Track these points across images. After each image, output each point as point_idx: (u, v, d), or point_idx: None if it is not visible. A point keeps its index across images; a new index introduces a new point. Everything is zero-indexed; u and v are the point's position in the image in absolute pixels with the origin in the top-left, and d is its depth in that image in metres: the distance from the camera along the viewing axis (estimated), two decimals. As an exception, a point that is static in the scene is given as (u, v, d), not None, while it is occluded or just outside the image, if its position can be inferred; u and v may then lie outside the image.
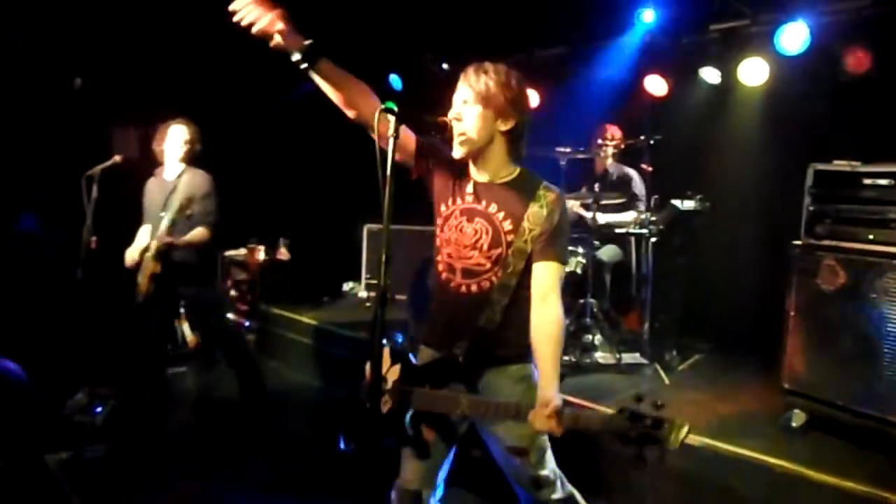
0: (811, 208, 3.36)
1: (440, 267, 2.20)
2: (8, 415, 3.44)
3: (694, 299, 4.61)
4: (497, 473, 2.30)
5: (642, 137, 4.40)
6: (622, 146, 4.59)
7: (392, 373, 2.17)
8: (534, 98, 5.78)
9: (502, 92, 2.05)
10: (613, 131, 4.73)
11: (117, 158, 4.22)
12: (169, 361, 4.94)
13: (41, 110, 5.65)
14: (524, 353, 2.11)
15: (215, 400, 4.93)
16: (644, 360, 4.31)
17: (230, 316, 6.53)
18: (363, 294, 6.66)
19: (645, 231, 4.35)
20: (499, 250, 2.10)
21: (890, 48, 3.98)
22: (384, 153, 1.88)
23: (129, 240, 4.13)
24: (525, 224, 2.07)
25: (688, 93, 4.90)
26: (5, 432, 3.38)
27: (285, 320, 5.97)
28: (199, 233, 4.03)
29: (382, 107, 1.92)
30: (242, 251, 6.71)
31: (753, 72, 4.47)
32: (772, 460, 2.96)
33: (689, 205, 4.32)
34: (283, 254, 6.83)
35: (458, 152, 2.09)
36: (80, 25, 5.62)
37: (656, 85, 5.00)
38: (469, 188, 2.15)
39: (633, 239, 4.65)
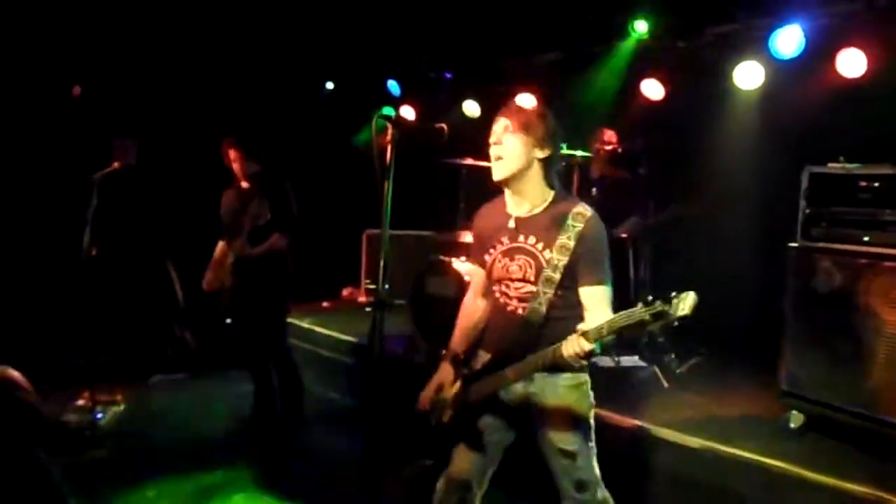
0: (807, 211, 3.37)
1: (497, 297, 2.37)
2: (8, 421, 3.46)
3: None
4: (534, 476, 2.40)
5: (639, 141, 4.43)
6: (619, 150, 4.61)
7: (454, 388, 2.35)
8: (531, 102, 5.83)
9: (542, 123, 2.26)
10: (610, 135, 4.76)
11: (116, 165, 4.24)
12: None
13: (41, 117, 5.68)
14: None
15: (219, 404, 4.95)
16: (643, 364, 4.32)
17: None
18: (363, 299, 6.68)
19: (642, 235, 4.37)
20: (543, 275, 2.24)
21: (884, 51, 4.01)
22: (382, 160, 1.91)
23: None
24: (560, 241, 2.21)
25: (684, 97, 4.92)
26: (5, 438, 3.40)
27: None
28: (275, 239, 4.03)
29: (379, 114, 1.95)
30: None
31: (749, 75, 4.50)
32: (770, 461, 2.98)
33: (685, 209, 4.34)
34: (283, 259, 6.84)
35: (497, 174, 2.26)
36: (82, 33, 5.65)
37: (653, 89, 5.03)
38: (511, 224, 2.31)
39: (630, 243, 4.66)
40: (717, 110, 4.75)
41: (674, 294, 1.76)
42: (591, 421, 2.34)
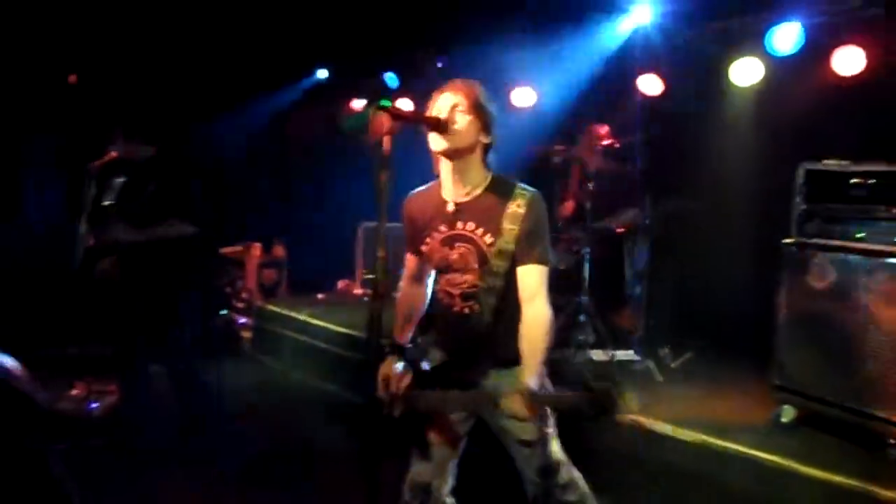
0: (802, 207, 3.39)
1: (440, 294, 2.30)
2: (4, 410, 3.46)
3: (687, 297, 4.65)
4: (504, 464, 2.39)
5: (635, 136, 4.44)
6: (616, 144, 4.61)
7: (405, 380, 2.26)
8: (529, 96, 5.83)
9: (489, 107, 2.20)
10: (600, 130, 4.75)
11: (113, 154, 4.21)
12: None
13: (39, 106, 5.67)
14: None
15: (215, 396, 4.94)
16: (637, 358, 4.35)
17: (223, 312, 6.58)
18: (358, 291, 6.70)
19: (639, 229, 4.38)
20: (487, 265, 2.18)
21: (881, 49, 4.02)
22: (379, 151, 1.91)
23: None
24: (504, 225, 2.15)
25: (680, 92, 4.93)
26: (1, 427, 3.40)
27: (280, 317, 5.99)
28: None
29: (377, 104, 1.95)
30: (238, 248, 6.73)
31: (746, 72, 4.50)
32: (762, 455, 3.01)
33: (680, 204, 4.36)
34: (280, 251, 6.86)
35: (438, 145, 2.16)
36: (79, 22, 5.63)
37: (650, 84, 5.03)
38: (449, 208, 2.23)
39: (626, 237, 4.68)
40: (715, 106, 4.76)
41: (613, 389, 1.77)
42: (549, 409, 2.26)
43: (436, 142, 2.16)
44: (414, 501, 2.35)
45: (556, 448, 2.29)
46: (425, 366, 2.30)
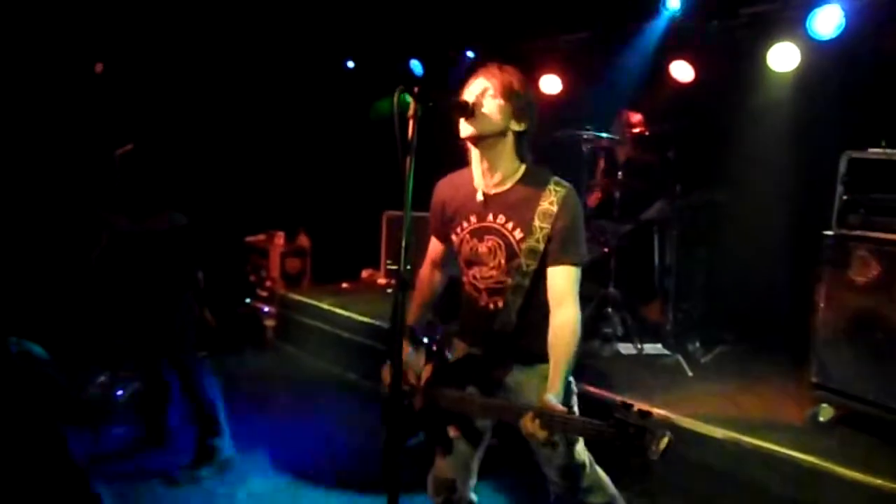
0: (844, 197, 3.26)
1: (467, 287, 2.22)
2: (31, 396, 3.49)
3: (719, 290, 4.53)
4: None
5: (667, 124, 4.32)
6: (646, 133, 4.50)
7: (425, 371, 2.21)
8: (557, 84, 5.71)
9: (524, 93, 2.09)
10: (633, 117, 4.64)
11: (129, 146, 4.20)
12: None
13: (64, 95, 5.69)
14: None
15: (238, 384, 4.95)
16: (666, 351, 4.24)
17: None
18: (382, 280, 6.66)
19: (668, 220, 4.28)
20: (516, 261, 2.09)
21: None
22: (405, 136, 1.84)
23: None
24: (535, 223, 2.06)
25: (715, 79, 4.78)
26: (28, 413, 3.42)
27: (304, 306, 5.98)
28: None
29: (402, 89, 1.88)
30: (262, 237, 6.73)
31: (784, 57, 4.34)
32: (798, 455, 2.91)
33: (713, 194, 4.23)
34: (304, 240, 6.84)
35: (464, 131, 2.07)
36: (104, 10, 5.64)
37: (682, 71, 4.88)
38: (479, 197, 2.14)
39: (655, 228, 4.56)
40: (750, 93, 4.59)
41: (648, 427, 1.62)
42: (575, 408, 2.18)
43: (463, 127, 2.07)
44: (438, 498, 2.30)
45: (579, 448, 2.20)
46: (447, 355, 2.25)
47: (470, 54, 6.24)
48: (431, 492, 2.31)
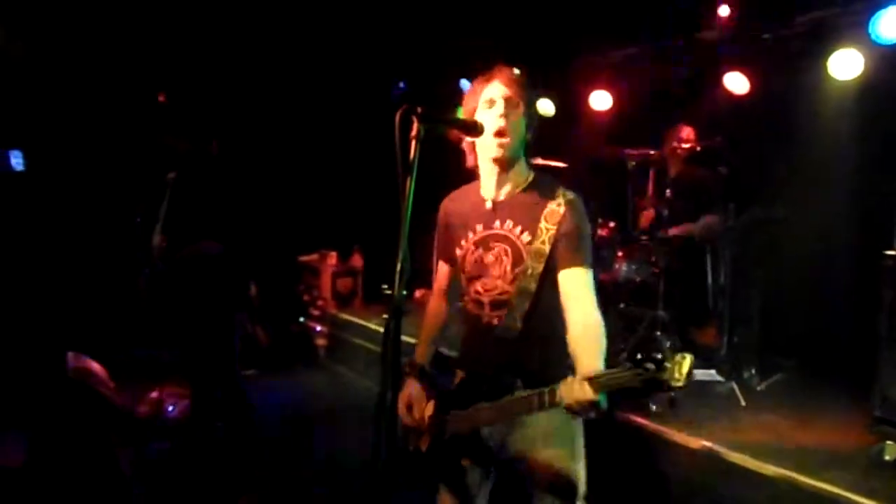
0: (908, 215, 3.02)
1: (469, 306, 2.13)
2: (83, 409, 3.63)
3: (776, 314, 4.26)
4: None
5: (719, 139, 4.12)
6: (697, 148, 4.30)
7: (428, 409, 2.13)
8: (608, 100, 5.58)
9: (535, 100, 2.08)
10: (688, 133, 4.45)
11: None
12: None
13: (128, 123, 5.98)
14: (558, 372, 1.90)
15: (289, 402, 5.02)
16: (720, 378, 4.01)
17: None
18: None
19: (721, 239, 4.06)
20: (521, 266, 2.00)
21: None
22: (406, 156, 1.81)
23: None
24: (542, 224, 1.98)
25: (771, 90, 4.55)
26: (82, 428, 3.56)
27: (354, 326, 6.02)
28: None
29: (405, 108, 1.83)
30: (315, 256, 6.84)
31: (846, 65, 4.08)
32: (858, 498, 2.67)
33: (768, 212, 4.00)
34: (357, 260, 6.91)
35: (497, 152, 2.00)
36: (167, 41, 5.91)
37: (737, 82, 4.67)
38: (487, 206, 2.08)
39: (708, 248, 4.34)
40: (809, 104, 4.35)
41: (666, 357, 1.54)
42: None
43: (497, 151, 1.99)
44: None
45: (581, 493, 2.04)
46: (446, 385, 2.15)
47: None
48: None
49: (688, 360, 1.54)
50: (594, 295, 1.94)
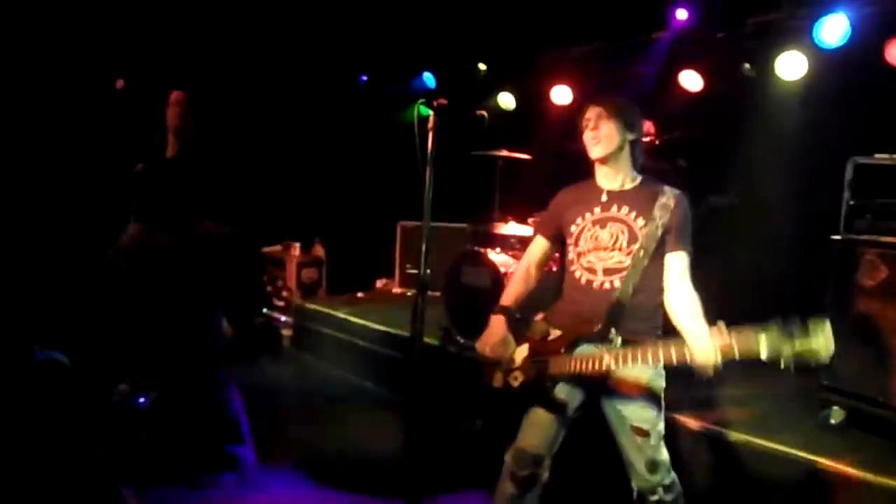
0: (851, 203, 3.31)
1: (577, 274, 2.48)
2: (53, 402, 3.58)
3: (729, 297, 4.54)
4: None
5: (677, 133, 4.38)
6: (656, 141, 4.55)
7: (520, 351, 2.45)
8: (568, 95, 5.80)
9: (630, 109, 2.52)
10: (648, 126, 4.70)
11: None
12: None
13: (85, 110, 5.84)
14: (652, 334, 2.40)
15: (255, 393, 5.03)
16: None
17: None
18: (397, 290, 6.75)
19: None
20: (637, 244, 2.39)
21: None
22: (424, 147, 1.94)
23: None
24: (655, 213, 2.39)
25: (723, 88, 4.85)
26: (52, 420, 3.52)
27: (320, 315, 6.06)
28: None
29: (423, 101, 1.98)
30: (278, 248, 6.84)
31: (791, 66, 4.41)
32: (809, 456, 2.94)
33: (722, 201, 4.28)
34: (319, 251, 6.95)
35: (595, 153, 2.48)
36: (126, 26, 5.79)
37: (691, 80, 4.96)
38: (603, 197, 2.50)
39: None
40: (758, 101, 4.66)
41: (806, 328, 1.87)
42: (663, 402, 2.40)
43: (592, 151, 2.47)
44: (522, 472, 2.39)
45: (664, 448, 2.38)
46: (546, 335, 2.45)
47: (482, 66, 6.36)
48: (514, 465, 2.40)
49: (826, 322, 1.87)
50: (689, 276, 2.40)
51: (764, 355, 1.94)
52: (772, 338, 1.94)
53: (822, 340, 1.85)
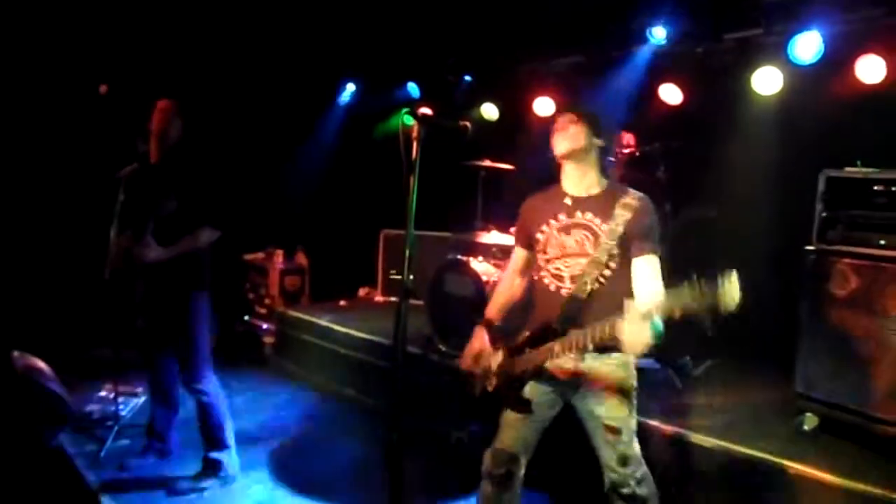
0: (823, 214, 3.40)
1: (546, 280, 2.51)
2: (32, 408, 3.55)
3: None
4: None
5: (657, 145, 4.46)
6: (637, 153, 4.63)
7: (496, 358, 2.51)
8: (550, 106, 5.87)
9: (598, 118, 2.55)
10: (629, 138, 4.78)
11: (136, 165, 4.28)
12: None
13: (69, 115, 5.81)
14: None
15: (237, 400, 5.02)
16: (656, 365, 4.34)
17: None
18: (379, 298, 6.77)
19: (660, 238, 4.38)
20: (601, 246, 2.40)
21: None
22: (409, 156, 1.98)
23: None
24: (616, 211, 2.39)
25: (702, 102, 4.95)
26: (30, 427, 3.49)
27: (303, 323, 6.05)
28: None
29: (406, 111, 2.02)
30: (261, 255, 6.84)
31: (767, 81, 4.52)
32: (784, 462, 3.00)
33: (700, 212, 4.35)
34: (302, 258, 6.95)
35: (559, 149, 2.49)
36: (109, 31, 5.78)
37: (670, 94, 5.06)
38: (567, 202, 2.52)
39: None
40: (735, 115, 4.77)
41: (714, 281, 1.86)
42: (635, 400, 2.46)
43: (557, 147, 2.49)
44: (498, 470, 2.49)
45: (636, 443, 2.44)
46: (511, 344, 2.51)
47: (467, 78, 6.43)
48: (490, 464, 2.50)
49: (733, 273, 1.86)
50: (660, 278, 2.36)
51: (678, 313, 1.97)
52: (682, 294, 1.94)
53: (728, 289, 1.85)
